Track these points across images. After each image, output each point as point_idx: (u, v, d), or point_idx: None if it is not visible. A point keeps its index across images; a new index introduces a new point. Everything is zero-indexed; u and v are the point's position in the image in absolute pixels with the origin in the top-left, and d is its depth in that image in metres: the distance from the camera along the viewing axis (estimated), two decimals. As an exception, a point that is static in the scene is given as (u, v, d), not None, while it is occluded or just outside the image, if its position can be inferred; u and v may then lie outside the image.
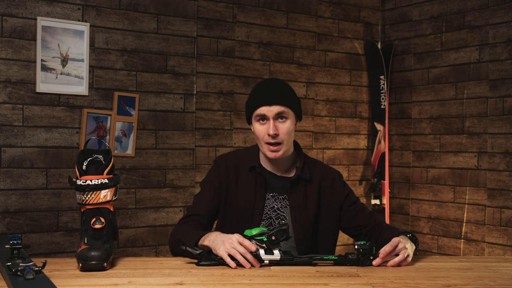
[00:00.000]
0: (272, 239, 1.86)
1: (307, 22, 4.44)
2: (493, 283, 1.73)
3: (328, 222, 2.20)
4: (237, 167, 2.20)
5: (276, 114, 2.09)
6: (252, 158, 2.21)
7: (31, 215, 3.43)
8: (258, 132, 2.13)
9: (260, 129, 2.12)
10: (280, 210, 2.16)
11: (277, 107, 2.09)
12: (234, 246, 1.86)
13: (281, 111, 2.09)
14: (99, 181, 1.79)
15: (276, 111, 2.09)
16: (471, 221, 4.15)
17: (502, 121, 3.97)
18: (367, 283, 1.68)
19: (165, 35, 3.83)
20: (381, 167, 4.59)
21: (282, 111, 2.10)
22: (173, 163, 3.87)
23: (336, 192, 2.22)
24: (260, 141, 2.14)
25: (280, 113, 2.10)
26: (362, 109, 4.74)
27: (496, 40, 4.02)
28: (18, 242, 1.73)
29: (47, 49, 3.43)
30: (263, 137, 2.11)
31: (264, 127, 2.11)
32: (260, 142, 2.14)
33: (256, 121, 2.13)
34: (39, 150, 3.45)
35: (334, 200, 2.21)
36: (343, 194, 2.22)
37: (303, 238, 2.15)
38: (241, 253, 1.85)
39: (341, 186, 2.23)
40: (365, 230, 2.19)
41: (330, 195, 2.21)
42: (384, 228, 2.17)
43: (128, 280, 1.67)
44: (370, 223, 2.20)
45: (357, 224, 2.21)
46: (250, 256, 1.85)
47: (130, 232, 3.74)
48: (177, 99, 3.88)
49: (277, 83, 2.19)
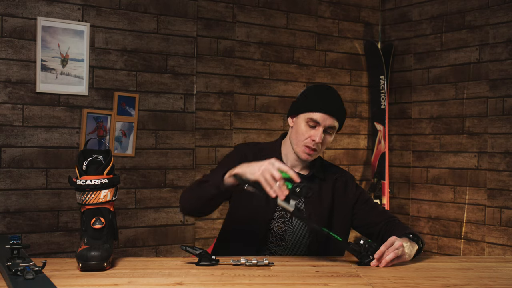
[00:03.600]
0: (296, 190, 1.85)
1: (307, 22, 4.44)
2: (493, 283, 1.73)
3: (340, 222, 2.23)
4: (257, 155, 2.21)
5: (328, 126, 2.15)
6: (273, 150, 2.27)
7: (31, 215, 3.43)
8: (302, 133, 2.16)
9: (306, 132, 2.16)
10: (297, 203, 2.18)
11: (333, 120, 2.16)
12: (272, 173, 1.84)
13: (333, 125, 2.17)
14: (99, 181, 1.79)
15: (330, 123, 2.15)
16: (471, 221, 4.15)
17: (502, 121, 3.97)
18: (367, 283, 1.68)
19: (165, 35, 3.83)
20: (381, 167, 4.59)
21: (334, 126, 2.17)
22: (173, 163, 3.87)
23: (349, 193, 2.26)
24: (298, 141, 2.17)
25: (332, 127, 2.16)
26: (362, 109, 4.74)
27: (496, 40, 4.02)
28: (18, 242, 1.73)
29: (47, 49, 3.43)
30: (304, 139, 2.16)
31: (311, 131, 2.15)
32: (298, 142, 2.18)
33: (305, 122, 2.16)
34: (39, 150, 3.45)
35: (347, 201, 2.25)
36: (356, 194, 2.27)
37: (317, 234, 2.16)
38: (276, 179, 1.84)
39: (354, 188, 2.28)
40: (378, 228, 2.21)
41: (343, 196, 2.25)
42: (396, 227, 2.18)
43: (128, 280, 1.67)
44: (382, 220, 2.22)
45: (370, 221, 2.23)
46: (281, 183, 1.85)
47: (130, 232, 3.74)
48: (177, 99, 3.88)
49: (339, 97, 2.24)
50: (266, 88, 4.26)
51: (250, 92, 4.20)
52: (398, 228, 2.16)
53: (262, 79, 4.24)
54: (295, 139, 2.19)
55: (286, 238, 2.18)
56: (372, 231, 2.22)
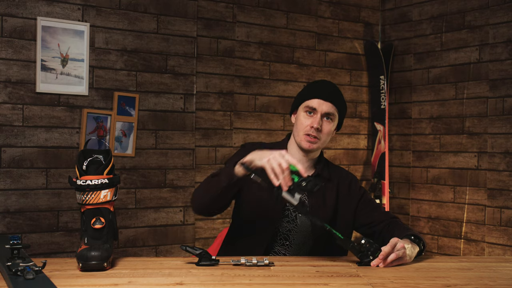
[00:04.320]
0: (301, 184, 1.85)
1: (307, 22, 4.44)
2: (493, 283, 1.73)
3: (343, 222, 2.24)
4: None
5: (325, 112, 2.16)
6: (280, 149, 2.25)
7: (31, 215, 3.43)
8: (301, 122, 2.18)
9: (305, 120, 2.17)
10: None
11: (329, 105, 2.17)
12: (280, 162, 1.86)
13: (331, 111, 2.17)
14: (99, 181, 1.79)
15: (327, 109, 2.16)
16: (471, 221, 4.15)
17: (502, 121, 3.97)
18: (367, 283, 1.68)
19: (165, 35, 3.83)
20: (381, 167, 4.59)
21: (332, 112, 2.18)
22: (173, 163, 3.87)
23: (352, 194, 2.28)
24: (299, 131, 2.19)
25: (329, 113, 2.17)
26: (362, 109, 4.74)
27: (496, 40, 4.02)
28: (18, 242, 1.73)
29: (47, 49, 3.43)
30: (304, 128, 2.17)
31: (310, 119, 2.16)
32: (298, 132, 2.19)
33: (304, 111, 2.18)
34: (39, 150, 3.45)
35: (351, 201, 2.26)
36: (359, 194, 2.28)
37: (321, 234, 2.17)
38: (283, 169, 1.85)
39: (357, 188, 2.30)
40: (379, 227, 2.21)
41: (347, 197, 2.26)
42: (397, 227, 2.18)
43: (128, 280, 1.67)
44: (384, 221, 2.22)
45: (372, 220, 2.24)
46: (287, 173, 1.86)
47: (130, 232, 3.74)
48: (177, 99, 3.88)
49: (335, 85, 2.26)
50: (266, 88, 4.26)
51: (250, 92, 4.20)
52: (400, 229, 2.16)
53: (262, 79, 4.24)
54: (296, 130, 2.21)
55: (290, 238, 2.19)
56: (374, 231, 2.23)
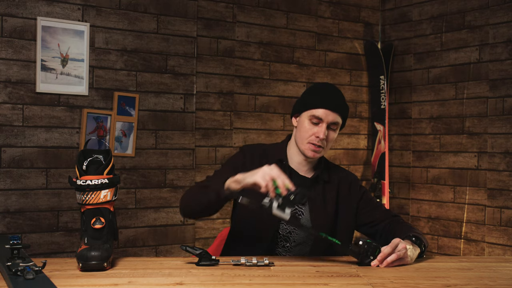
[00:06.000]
0: (290, 198, 1.84)
1: (307, 22, 4.44)
2: (493, 283, 1.73)
3: (344, 223, 2.23)
4: (263, 156, 2.22)
5: (331, 122, 2.15)
6: (280, 151, 2.26)
7: (31, 215, 3.43)
8: (305, 130, 2.16)
9: (310, 129, 2.16)
10: (299, 207, 2.18)
11: (336, 115, 2.16)
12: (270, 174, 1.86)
13: (337, 121, 2.17)
14: (99, 181, 1.79)
15: (333, 119, 2.15)
16: (471, 221, 4.15)
17: (502, 121, 3.97)
18: (367, 283, 1.68)
19: (165, 35, 3.83)
20: (381, 167, 4.59)
21: (337, 122, 2.17)
22: (173, 163, 3.87)
23: (353, 194, 2.27)
24: (303, 139, 2.17)
25: (335, 123, 2.16)
26: (362, 109, 4.74)
27: (496, 40, 4.02)
28: (18, 242, 1.73)
29: (47, 49, 3.43)
30: (309, 137, 2.16)
31: (315, 128, 2.15)
32: (302, 140, 2.17)
33: (308, 120, 2.16)
34: (39, 150, 3.45)
35: (351, 201, 2.26)
36: (360, 193, 2.28)
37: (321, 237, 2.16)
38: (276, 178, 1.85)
39: (358, 188, 2.29)
40: (381, 226, 2.21)
41: (347, 197, 2.25)
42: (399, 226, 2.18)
43: (128, 280, 1.67)
44: (386, 219, 2.22)
45: (373, 219, 2.24)
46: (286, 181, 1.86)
47: (130, 232, 3.74)
48: (177, 99, 3.88)
49: (340, 92, 2.24)
50: (266, 88, 4.26)
51: (250, 92, 4.20)
52: (402, 228, 2.15)
53: (262, 79, 4.24)
54: (299, 137, 2.19)
55: (291, 240, 2.19)
56: (376, 230, 2.22)
